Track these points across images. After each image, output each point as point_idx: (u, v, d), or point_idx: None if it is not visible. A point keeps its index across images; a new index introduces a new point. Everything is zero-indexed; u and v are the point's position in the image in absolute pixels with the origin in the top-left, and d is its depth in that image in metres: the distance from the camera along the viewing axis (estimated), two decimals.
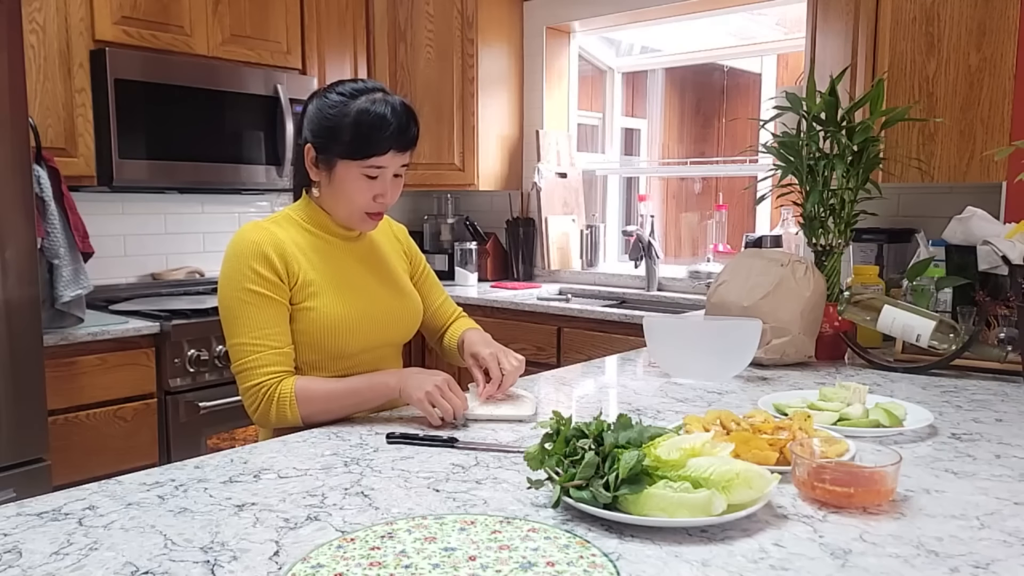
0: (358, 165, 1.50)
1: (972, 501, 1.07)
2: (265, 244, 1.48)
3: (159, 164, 2.85)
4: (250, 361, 1.45)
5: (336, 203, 1.55)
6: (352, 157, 1.49)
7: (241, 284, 1.46)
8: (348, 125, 1.48)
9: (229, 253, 1.49)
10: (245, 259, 1.46)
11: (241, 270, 1.46)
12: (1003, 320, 1.90)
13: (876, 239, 2.55)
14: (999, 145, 2.21)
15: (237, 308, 1.46)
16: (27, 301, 2.19)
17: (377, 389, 1.46)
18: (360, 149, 1.49)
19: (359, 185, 1.52)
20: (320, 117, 1.51)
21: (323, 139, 1.51)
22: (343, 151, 1.50)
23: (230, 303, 1.47)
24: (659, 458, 1.00)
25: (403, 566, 0.86)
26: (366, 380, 1.48)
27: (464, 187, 3.75)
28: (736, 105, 4.96)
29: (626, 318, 2.90)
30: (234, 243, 1.49)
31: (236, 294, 1.46)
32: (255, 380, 1.44)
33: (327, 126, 1.50)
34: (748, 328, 1.73)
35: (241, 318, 1.45)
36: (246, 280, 1.45)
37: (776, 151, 2.05)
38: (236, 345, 1.46)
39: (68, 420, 2.42)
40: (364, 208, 1.54)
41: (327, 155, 1.52)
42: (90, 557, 0.91)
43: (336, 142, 1.49)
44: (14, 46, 2.14)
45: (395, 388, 1.45)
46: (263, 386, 1.44)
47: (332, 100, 1.51)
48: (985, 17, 2.27)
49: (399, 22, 3.66)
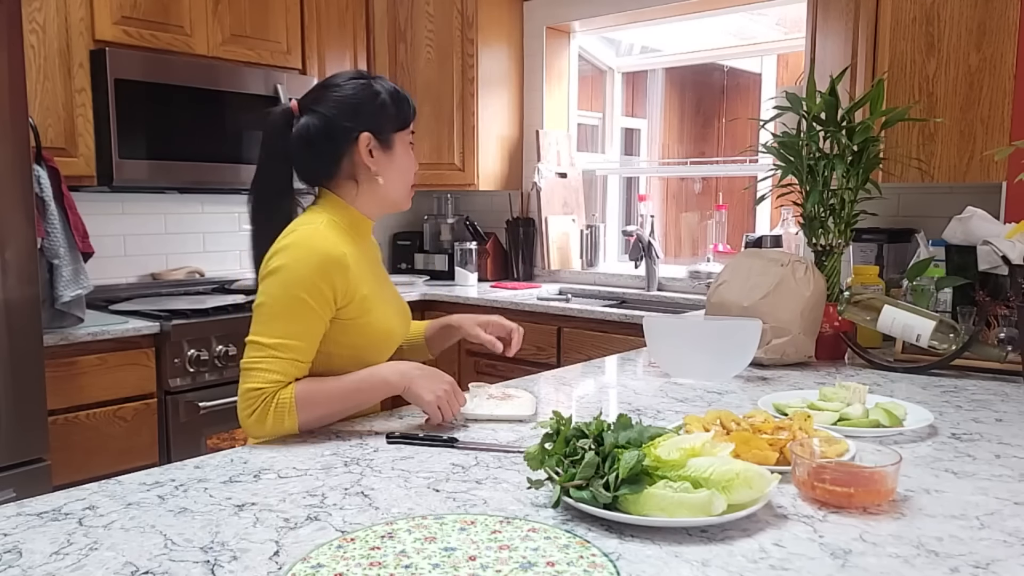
0: (406, 134, 1.56)
1: (972, 501, 1.07)
2: (334, 261, 1.41)
3: (159, 164, 2.85)
4: (262, 362, 1.37)
5: (398, 182, 1.56)
6: (404, 126, 1.55)
7: (295, 290, 1.38)
8: (387, 99, 1.51)
9: (294, 253, 1.40)
10: (313, 267, 1.39)
11: (300, 274, 1.38)
12: (1003, 320, 1.90)
13: (876, 239, 2.55)
14: (999, 145, 2.21)
15: (278, 308, 1.38)
16: (27, 301, 2.19)
17: (378, 388, 1.43)
18: (406, 116, 1.55)
19: (411, 154, 1.58)
20: (360, 103, 1.49)
21: (377, 121, 1.51)
22: (396, 124, 1.53)
23: (275, 302, 1.39)
24: (659, 458, 1.00)
25: (403, 566, 0.86)
26: (365, 379, 1.42)
27: (464, 187, 3.75)
28: (736, 105, 4.96)
29: (626, 318, 2.90)
30: (301, 245, 1.40)
31: (286, 297, 1.38)
32: (257, 384, 1.36)
33: (373, 108, 1.50)
34: (748, 328, 1.73)
35: (278, 318, 1.38)
36: (301, 287, 1.38)
37: (776, 151, 2.05)
38: (257, 343, 1.38)
39: (68, 420, 2.42)
40: (412, 179, 1.60)
41: (384, 135, 1.52)
42: (90, 557, 0.91)
43: (388, 119, 1.52)
44: (14, 46, 2.14)
45: (397, 387, 1.42)
46: (264, 393, 1.36)
47: (354, 86, 1.50)
48: (985, 17, 2.27)
49: (399, 22, 3.66)
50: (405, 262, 4.10)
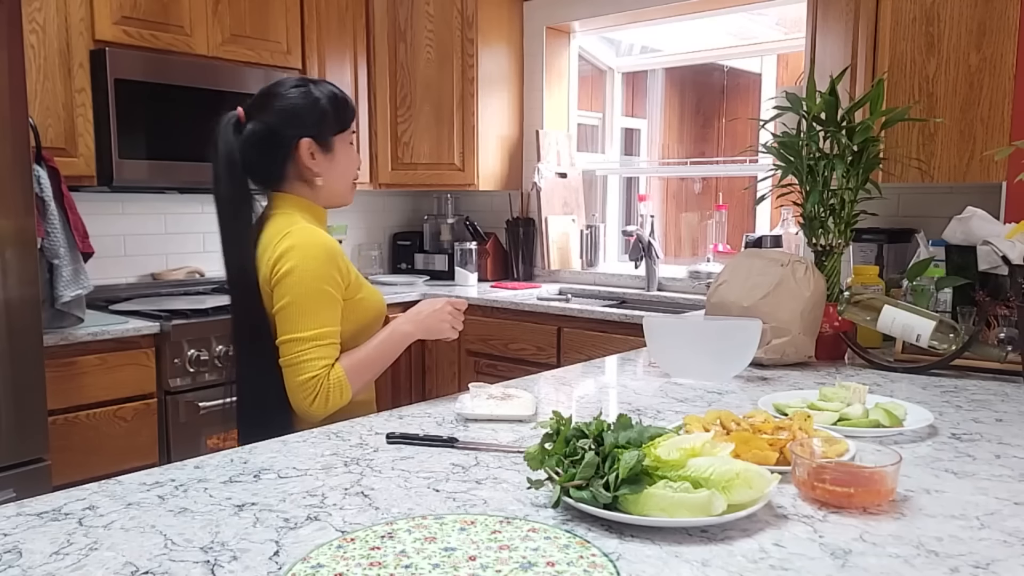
0: (347, 135, 1.65)
1: (972, 501, 1.07)
2: (335, 250, 1.56)
3: (159, 164, 2.85)
4: (307, 353, 1.49)
5: (340, 182, 1.66)
6: (343, 129, 1.63)
7: (317, 283, 1.51)
8: (327, 103, 1.60)
9: (302, 253, 1.51)
10: (321, 260, 1.52)
11: (318, 270, 1.51)
12: (1003, 320, 1.90)
13: (876, 239, 2.55)
14: (999, 145, 2.21)
15: (308, 304, 1.51)
16: (27, 301, 2.19)
17: (401, 342, 1.62)
18: (346, 118, 1.64)
19: (351, 153, 1.68)
20: (301, 110, 1.58)
21: (318, 125, 1.59)
22: (336, 127, 1.62)
23: (303, 299, 1.51)
24: (659, 458, 1.00)
25: (403, 566, 0.86)
26: (389, 337, 1.61)
27: (464, 187, 3.75)
28: (736, 105, 4.96)
29: (626, 318, 2.90)
30: (305, 245, 1.52)
31: (310, 291, 1.51)
32: (311, 373, 1.49)
33: (316, 114, 1.60)
34: (748, 328, 1.73)
35: (310, 314, 1.51)
36: (322, 280, 1.52)
37: (776, 151, 2.05)
38: (296, 339, 1.50)
39: (68, 420, 2.42)
40: (354, 176, 1.70)
41: (324, 138, 1.61)
42: (90, 557, 0.91)
43: (327, 122, 1.60)
44: (14, 46, 2.14)
45: (415, 334, 1.63)
46: (319, 379, 1.49)
47: (295, 94, 1.59)
48: (985, 17, 2.27)
49: (399, 22, 3.65)
50: (405, 262, 4.10)
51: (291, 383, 1.51)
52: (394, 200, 4.20)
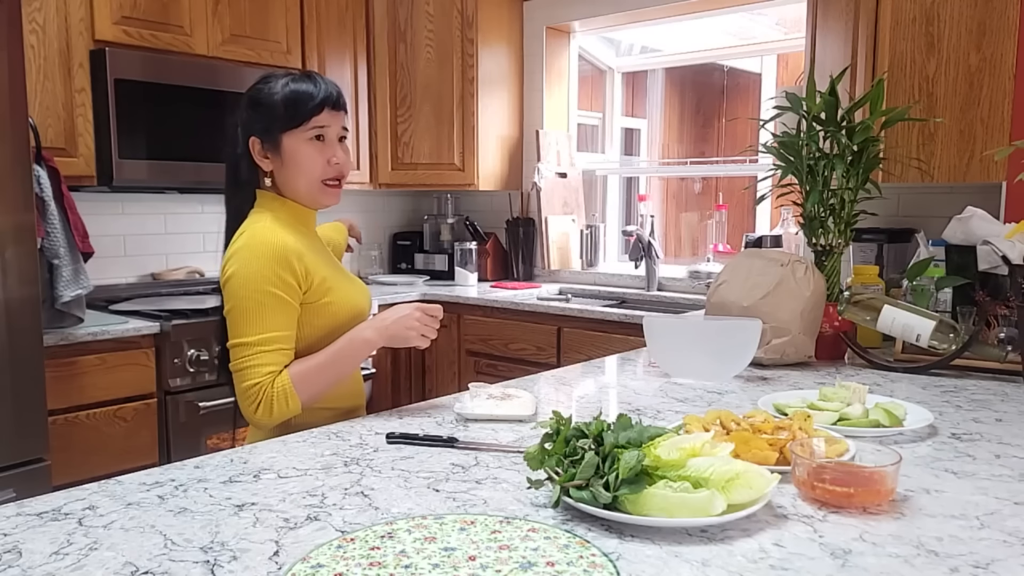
0: (302, 132, 1.52)
1: (972, 501, 1.07)
2: (288, 250, 1.48)
3: (159, 164, 2.85)
4: (252, 359, 1.45)
5: (295, 181, 1.55)
6: (294, 125, 1.51)
7: (261, 285, 1.45)
8: (280, 98, 1.51)
9: (248, 254, 1.47)
10: (267, 261, 1.46)
11: (262, 271, 1.45)
12: (1003, 320, 1.90)
13: (876, 239, 2.55)
14: (999, 145, 2.21)
15: (252, 308, 1.46)
16: (27, 301, 2.19)
17: (361, 349, 1.52)
18: (299, 114, 1.51)
19: (309, 152, 1.53)
20: (252, 107, 1.54)
21: (263, 123, 1.52)
22: (284, 124, 1.51)
23: (246, 303, 1.46)
24: (659, 458, 1.00)
25: (403, 566, 0.86)
26: (347, 343, 1.51)
27: (464, 187, 3.75)
28: (736, 105, 4.96)
29: (626, 318, 2.90)
30: (253, 245, 1.48)
31: (254, 294, 1.46)
32: (254, 379, 1.44)
33: (262, 110, 1.52)
34: (748, 328, 1.73)
35: (254, 318, 1.45)
36: (267, 282, 1.45)
37: (776, 151, 2.05)
38: (241, 344, 1.46)
39: (68, 420, 2.42)
40: (321, 176, 1.55)
41: (271, 135, 1.52)
42: (90, 557, 0.91)
43: (275, 119, 1.51)
44: (14, 46, 2.14)
45: (378, 341, 1.52)
46: (262, 385, 1.44)
47: (253, 91, 1.56)
48: (985, 17, 2.27)
49: (399, 22, 3.65)
50: (405, 262, 4.10)
51: (237, 389, 1.48)
52: (394, 200, 4.20)
